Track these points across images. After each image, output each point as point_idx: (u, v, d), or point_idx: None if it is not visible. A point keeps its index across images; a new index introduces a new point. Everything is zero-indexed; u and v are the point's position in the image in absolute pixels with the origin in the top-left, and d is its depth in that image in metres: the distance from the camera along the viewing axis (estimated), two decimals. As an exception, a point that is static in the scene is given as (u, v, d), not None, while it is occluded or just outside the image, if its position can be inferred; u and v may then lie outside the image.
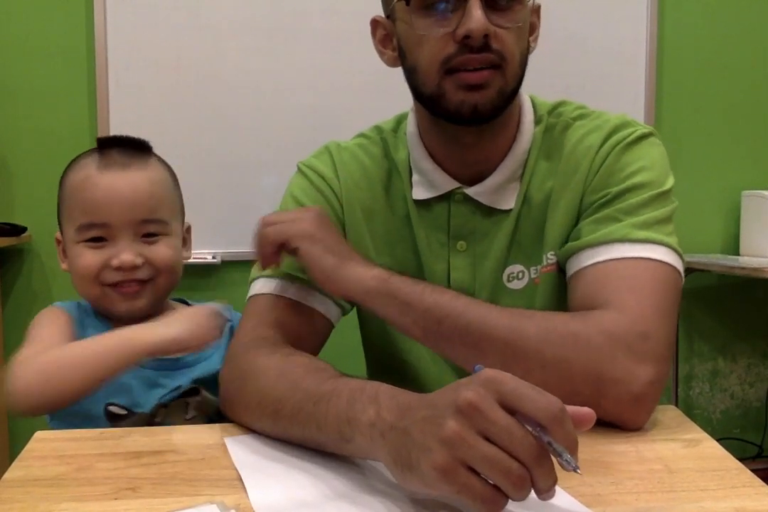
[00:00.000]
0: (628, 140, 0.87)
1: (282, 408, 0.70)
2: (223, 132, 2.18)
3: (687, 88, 2.39)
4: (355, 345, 1.04)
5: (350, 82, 2.20)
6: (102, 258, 0.90)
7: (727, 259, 2.23)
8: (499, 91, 0.82)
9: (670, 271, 0.79)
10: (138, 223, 0.90)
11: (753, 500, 0.58)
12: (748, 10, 2.39)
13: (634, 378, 0.71)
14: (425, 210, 0.93)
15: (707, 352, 2.49)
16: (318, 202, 0.93)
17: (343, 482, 0.61)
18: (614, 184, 0.84)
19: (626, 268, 0.78)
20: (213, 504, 0.57)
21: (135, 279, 0.91)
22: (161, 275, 0.93)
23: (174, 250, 0.94)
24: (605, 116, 0.91)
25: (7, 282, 2.19)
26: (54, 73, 2.15)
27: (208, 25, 2.15)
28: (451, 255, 0.92)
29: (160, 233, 0.93)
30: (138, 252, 0.90)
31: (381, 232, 0.94)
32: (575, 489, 0.59)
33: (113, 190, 0.89)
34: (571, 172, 0.88)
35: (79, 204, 0.91)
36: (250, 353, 0.80)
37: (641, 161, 0.86)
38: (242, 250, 2.18)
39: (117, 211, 0.89)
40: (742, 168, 2.42)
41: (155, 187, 0.92)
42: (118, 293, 0.91)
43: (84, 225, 0.91)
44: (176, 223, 0.96)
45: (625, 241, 0.80)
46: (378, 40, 0.93)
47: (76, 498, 0.60)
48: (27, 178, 2.17)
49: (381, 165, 0.96)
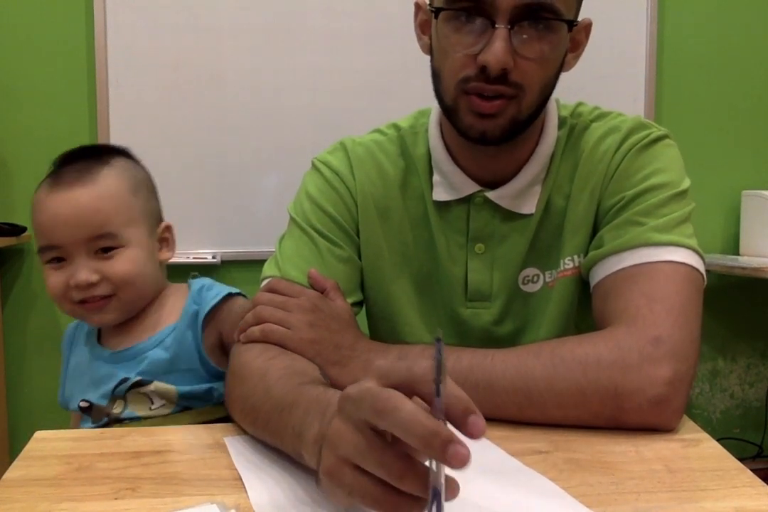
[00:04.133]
0: (643, 143, 0.86)
1: (257, 418, 0.69)
2: (223, 132, 2.18)
3: (687, 88, 2.39)
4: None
5: (350, 82, 2.20)
6: (64, 278, 0.92)
7: (726, 259, 2.24)
8: (511, 120, 0.81)
9: (692, 273, 0.79)
10: (87, 241, 0.91)
11: (753, 500, 0.58)
12: (748, 10, 2.39)
13: (648, 383, 0.70)
14: (445, 211, 0.92)
15: (707, 352, 2.49)
16: (333, 200, 0.93)
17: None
18: (630, 187, 0.84)
19: (648, 272, 0.78)
20: (213, 504, 0.57)
21: (95, 295, 0.92)
22: (122, 289, 0.93)
23: (132, 263, 0.93)
24: (621, 117, 0.91)
25: (7, 282, 2.19)
26: (54, 73, 2.15)
27: (208, 25, 2.15)
28: (469, 257, 0.92)
29: (116, 246, 0.93)
30: (94, 268, 0.91)
31: (396, 231, 0.94)
32: (575, 489, 0.59)
33: (56, 212, 0.91)
34: (589, 176, 0.88)
35: (35, 227, 0.94)
36: (242, 354, 0.80)
37: (656, 163, 0.85)
38: (242, 249, 2.19)
39: (61, 232, 0.91)
40: (742, 168, 2.42)
41: (102, 202, 0.92)
42: (85, 309, 0.93)
43: (42, 248, 0.93)
44: (135, 230, 0.95)
45: (648, 245, 0.80)
46: (418, 24, 0.90)
47: (76, 498, 0.60)
48: (27, 178, 2.16)
49: (397, 163, 0.95)
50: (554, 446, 0.69)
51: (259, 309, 0.83)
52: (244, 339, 0.82)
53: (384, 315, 0.95)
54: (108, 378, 0.94)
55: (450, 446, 0.41)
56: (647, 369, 0.71)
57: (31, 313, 2.20)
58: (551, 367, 0.72)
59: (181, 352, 0.94)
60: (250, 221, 2.20)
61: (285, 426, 0.62)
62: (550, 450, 0.68)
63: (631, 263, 0.79)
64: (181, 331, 0.95)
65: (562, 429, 0.74)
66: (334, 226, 0.91)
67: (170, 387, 0.93)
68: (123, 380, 0.93)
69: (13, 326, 2.17)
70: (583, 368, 0.71)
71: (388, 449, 0.45)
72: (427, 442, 0.42)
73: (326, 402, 0.58)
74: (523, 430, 0.74)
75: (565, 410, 0.72)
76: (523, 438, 0.71)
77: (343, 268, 0.90)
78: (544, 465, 0.64)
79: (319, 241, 0.90)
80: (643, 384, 0.70)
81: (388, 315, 0.95)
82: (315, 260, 0.89)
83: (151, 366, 0.93)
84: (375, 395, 0.45)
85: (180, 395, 0.93)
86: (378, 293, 0.94)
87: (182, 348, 0.94)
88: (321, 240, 0.90)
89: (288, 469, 0.64)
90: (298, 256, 0.89)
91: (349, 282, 0.90)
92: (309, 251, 0.90)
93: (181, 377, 0.94)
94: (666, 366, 0.71)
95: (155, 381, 0.93)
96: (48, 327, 2.18)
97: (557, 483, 0.60)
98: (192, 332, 0.95)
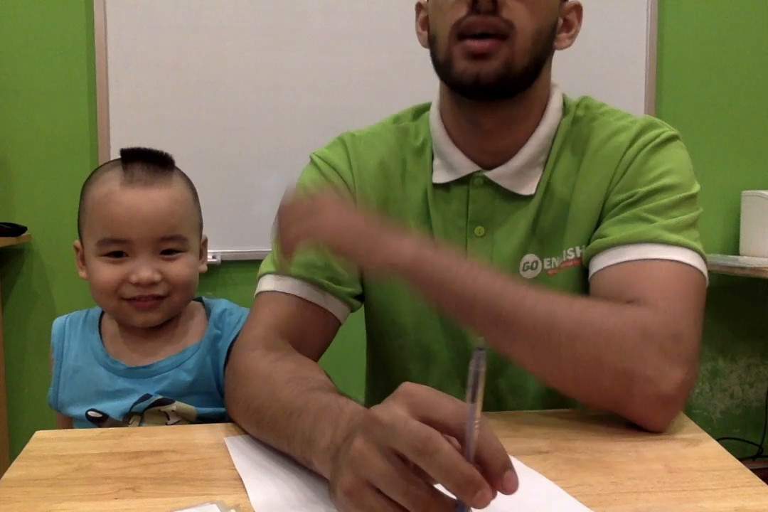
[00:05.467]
0: (656, 141, 0.86)
1: (262, 419, 0.69)
2: (223, 132, 2.18)
3: (687, 88, 2.39)
4: (355, 343, 1.04)
5: (350, 82, 2.20)
6: (121, 273, 0.91)
7: (726, 259, 2.24)
8: (505, 62, 0.80)
9: (699, 276, 0.79)
10: (157, 241, 0.91)
11: (753, 500, 0.58)
12: (748, 10, 2.39)
13: (664, 378, 0.70)
14: (444, 193, 0.92)
15: (707, 352, 2.49)
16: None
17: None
18: (642, 185, 0.84)
19: (659, 269, 0.78)
20: (213, 504, 0.57)
21: (152, 294, 0.91)
22: (176, 292, 0.93)
23: (191, 268, 0.95)
24: (632, 117, 0.91)
25: (7, 282, 2.19)
26: (54, 73, 2.15)
27: (207, 25, 2.15)
28: (468, 240, 0.91)
29: (179, 250, 0.93)
30: (156, 268, 0.91)
31: (396, 222, 0.92)
32: (575, 489, 0.59)
33: (134, 207, 0.90)
34: (597, 170, 0.88)
35: (100, 219, 0.92)
36: (245, 355, 0.80)
37: (669, 163, 0.85)
38: (242, 249, 2.19)
39: (137, 228, 0.90)
40: (742, 168, 2.42)
41: (176, 205, 0.93)
42: (134, 307, 0.93)
43: (105, 240, 0.91)
44: (194, 238, 0.97)
45: (657, 243, 0.79)
46: (419, 22, 0.91)
47: (76, 498, 0.60)
48: (27, 178, 2.17)
49: (397, 153, 0.95)
50: (554, 446, 0.69)
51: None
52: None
53: (386, 306, 0.95)
54: (125, 394, 0.94)
55: (479, 491, 0.44)
56: (665, 365, 0.70)
57: (31, 313, 2.20)
58: (578, 324, 0.71)
59: (200, 376, 0.94)
60: (250, 221, 2.20)
61: (293, 431, 0.62)
62: (550, 450, 0.68)
63: (636, 257, 0.79)
64: (203, 355, 0.95)
65: (562, 429, 0.74)
66: None
67: (191, 408, 0.93)
68: (143, 397, 0.93)
69: (13, 326, 2.17)
70: (607, 339, 0.71)
71: (414, 479, 0.46)
72: (461, 488, 0.44)
73: (338, 410, 0.58)
74: (523, 430, 0.74)
75: (577, 369, 0.71)
76: (523, 438, 0.71)
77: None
78: (544, 465, 0.64)
79: None
80: (658, 378, 0.70)
81: (389, 306, 0.95)
82: (312, 253, 0.88)
83: (172, 387, 0.93)
84: (414, 432, 0.46)
85: (198, 416, 0.93)
86: (378, 285, 0.94)
87: (202, 371, 0.94)
88: None
89: (288, 469, 0.64)
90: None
91: (346, 272, 0.90)
92: (305, 245, 0.89)
93: (198, 399, 0.94)
94: (682, 367, 0.71)
95: (176, 402, 0.93)
96: (48, 327, 2.17)
97: (557, 483, 0.60)
98: (211, 356, 0.95)
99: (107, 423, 0.94)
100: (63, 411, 0.98)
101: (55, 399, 0.98)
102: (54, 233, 2.17)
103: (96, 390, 0.95)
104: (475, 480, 0.44)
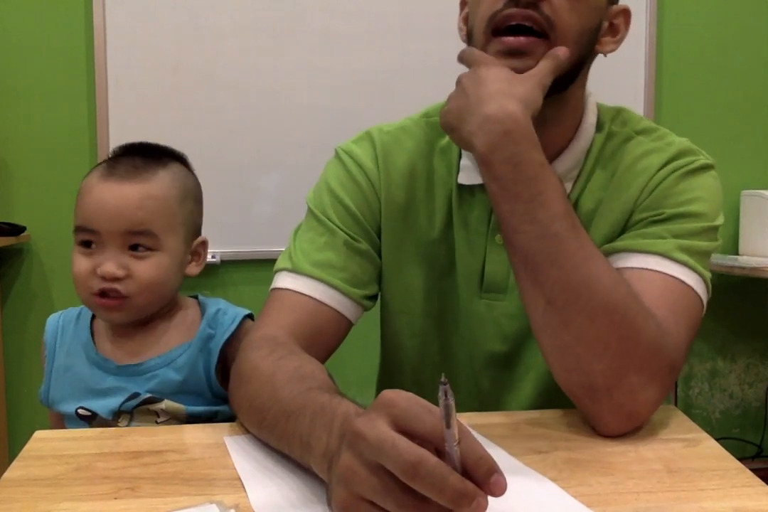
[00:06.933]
0: (690, 167, 0.84)
1: (263, 420, 0.69)
2: (223, 132, 2.18)
3: (686, 88, 2.39)
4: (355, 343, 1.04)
5: (350, 82, 2.20)
6: (92, 264, 0.91)
7: (726, 259, 2.23)
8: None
9: (697, 301, 0.79)
10: (123, 234, 0.90)
11: (753, 500, 0.58)
12: (748, 10, 2.39)
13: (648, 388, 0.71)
14: (468, 197, 0.90)
15: (706, 352, 2.49)
16: (354, 193, 0.90)
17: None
18: (670, 206, 0.82)
19: (660, 281, 0.77)
20: (213, 503, 0.57)
21: (114, 289, 0.91)
22: (141, 293, 0.92)
23: (160, 269, 0.92)
24: (670, 138, 0.88)
25: (7, 282, 2.19)
26: (54, 73, 2.15)
27: (207, 25, 2.15)
28: (488, 246, 0.89)
29: (150, 247, 0.92)
30: (122, 264, 0.91)
31: (418, 223, 0.91)
32: (575, 489, 0.59)
33: (103, 199, 0.91)
34: (624, 188, 0.86)
35: (77, 208, 0.94)
36: (250, 353, 0.79)
37: (700, 191, 0.83)
38: (242, 249, 2.18)
39: (105, 220, 0.90)
40: (742, 168, 2.42)
41: (148, 200, 0.92)
42: (98, 304, 0.92)
43: (77, 227, 0.93)
44: (173, 238, 0.94)
45: (665, 257, 0.78)
46: (461, 18, 0.89)
47: (75, 498, 0.60)
48: (26, 178, 2.17)
49: (424, 150, 0.92)
50: (554, 446, 0.69)
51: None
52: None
53: (403, 308, 0.94)
54: (114, 392, 0.93)
55: (474, 501, 0.45)
56: (653, 382, 0.72)
57: (31, 313, 2.20)
58: (610, 299, 0.71)
59: (191, 375, 0.94)
60: (250, 221, 2.20)
61: (292, 434, 0.62)
62: (550, 450, 0.68)
63: (642, 265, 0.78)
64: (193, 354, 0.94)
65: (562, 429, 0.74)
66: (352, 221, 0.89)
67: (180, 406, 0.93)
68: (132, 395, 0.93)
69: (13, 326, 2.17)
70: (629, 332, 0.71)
71: (406, 490, 0.47)
72: (456, 503, 0.45)
73: (331, 413, 0.58)
74: (522, 430, 0.74)
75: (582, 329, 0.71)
76: (523, 438, 0.71)
77: (360, 261, 0.89)
78: (544, 465, 0.64)
79: (337, 233, 0.88)
80: (645, 386, 0.71)
81: (407, 308, 0.94)
82: (331, 252, 0.87)
83: (162, 385, 0.93)
84: (403, 456, 0.46)
85: (188, 414, 0.93)
86: (397, 287, 0.93)
87: (193, 371, 0.94)
88: (339, 232, 0.88)
89: (288, 469, 0.64)
90: (313, 249, 0.88)
91: (364, 274, 0.89)
92: (325, 244, 0.88)
93: (187, 398, 0.93)
94: (661, 389, 0.72)
95: (165, 400, 0.93)
96: (47, 327, 2.18)
97: (557, 483, 0.60)
98: (204, 356, 0.94)
99: (96, 422, 0.93)
100: (54, 408, 0.98)
101: (46, 395, 0.98)
102: (53, 233, 2.17)
103: (85, 387, 0.95)
104: (469, 493, 0.45)
